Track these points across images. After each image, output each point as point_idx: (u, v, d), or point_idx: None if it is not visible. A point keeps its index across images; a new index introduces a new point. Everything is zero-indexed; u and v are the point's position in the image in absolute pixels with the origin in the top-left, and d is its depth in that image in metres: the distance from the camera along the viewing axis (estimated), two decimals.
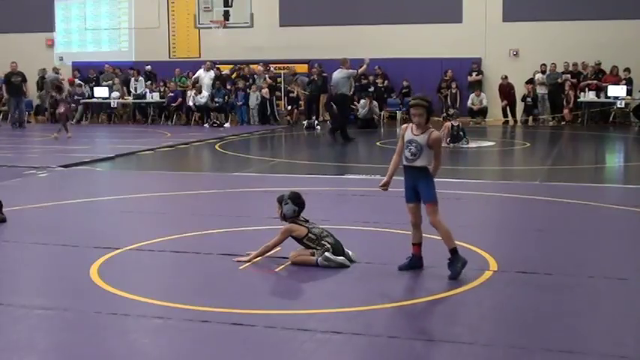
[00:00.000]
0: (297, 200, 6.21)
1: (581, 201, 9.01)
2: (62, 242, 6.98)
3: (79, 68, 25.28)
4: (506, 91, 21.98)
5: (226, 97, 21.66)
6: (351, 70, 16.92)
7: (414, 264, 5.89)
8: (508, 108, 22.00)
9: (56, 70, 24.53)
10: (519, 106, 22.12)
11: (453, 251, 5.73)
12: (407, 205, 5.87)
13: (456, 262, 5.69)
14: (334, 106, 17.64)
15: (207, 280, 5.88)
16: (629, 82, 20.84)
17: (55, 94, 18.65)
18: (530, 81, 21.88)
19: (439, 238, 7.02)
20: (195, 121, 21.90)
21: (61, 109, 17.91)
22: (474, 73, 22.41)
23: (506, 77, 21.86)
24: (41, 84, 24.38)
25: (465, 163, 14.00)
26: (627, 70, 20.93)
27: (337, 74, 16.93)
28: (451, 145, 15.47)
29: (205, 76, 22.13)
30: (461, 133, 15.84)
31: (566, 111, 21.29)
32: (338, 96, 17.12)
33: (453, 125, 15.74)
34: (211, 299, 5.23)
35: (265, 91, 21.69)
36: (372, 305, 5.10)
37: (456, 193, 9.73)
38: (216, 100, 21.51)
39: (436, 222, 5.76)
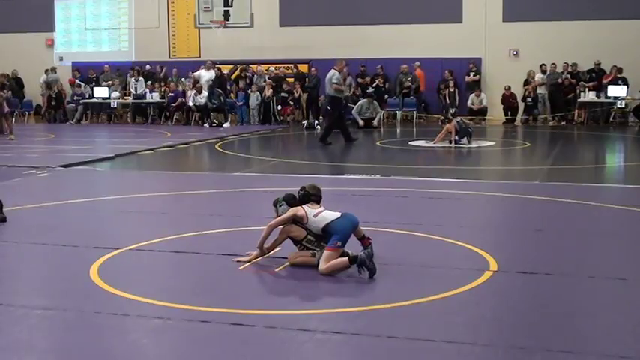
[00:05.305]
0: (292, 201, 6.20)
1: (581, 201, 9.01)
2: (62, 242, 6.98)
3: (79, 68, 25.28)
4: (509, 101, 21.98)
5: (221, 98, 21.59)
6: (332, 72, 16.46)
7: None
8: (510, 112, 22.01)
9: (54, 70, 24.58)
10: (519, 107, 22.14)
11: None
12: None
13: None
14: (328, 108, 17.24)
15: (207, 280, 5.88)
16: (624, 81, 20.84)
17: None
18: (526, 82, 21.91)
19: (438, 237, 7.04)
20: (195, 121, 21.90)
21: (5, 108, 17.30)
22: (472, 73, 22.42)
23: (509, 88, 21.83)
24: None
25: (465, 163, 14.02)
26: (620, 69, 20.93)
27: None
28: (461, 142, 15.66)
29: (205, 76, 22.08)
30: (469, 129, 15.96)
31: (575, 111, 21.35)
32: (327, 97, 17.21)
33: (457, 122, 15.83)
34: (211, 299, 5.23)
35: (270, 91, 21.72)
36: (372, 305, 5.10)
37: (455, 193, 9.74)
38: (212, 100, 21.48)
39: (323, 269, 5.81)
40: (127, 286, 5.54)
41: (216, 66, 22.94)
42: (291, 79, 22.77)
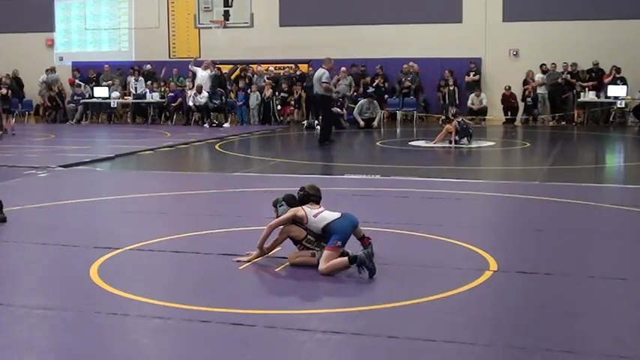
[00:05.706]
0: (292, 201, 6.20)
1: (581, 201, 9.01)
2: (62, 242, 6.98)
3: (78, 68, 25.28)
4: (509, 101, 21.98)
5: (223, 98, 21.59)
6: (321, 72, 16.44)
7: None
8: (510, 112, 22.02)
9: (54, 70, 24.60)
10: (519, 107, 22.14)
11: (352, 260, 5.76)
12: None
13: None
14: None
15: (207, 280, 5.88)
16: (623, 81, 20.83)
17: None
18: (526, 82, 21.92)
19: (438, 237, 7.04)
20: (195, 121, 21.89)
21: None
22: (472, 73, 22.42)
23: (509, 88, 21.83)
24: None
25: (465, 163, 14.02)
26: (618, 69, 20.93)
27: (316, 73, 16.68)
28: (461, 142, 15.66)
29: (200, 74, 21.95)
30: (470, 130, 15.98)
31: (576, 111, 21.35)
32: (317, 97, 16.92)
33: (459, 122, 15.84)
34: (211, 299, 5.23)
35: (270, 91, 21.72)
36: (372, 305, 5.10)
37: (455, 193, 9.74)
38: (213, 100, 21.47)
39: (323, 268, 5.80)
40: (127, 286, 5.54)
41: (217, 66, 22.92)
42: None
